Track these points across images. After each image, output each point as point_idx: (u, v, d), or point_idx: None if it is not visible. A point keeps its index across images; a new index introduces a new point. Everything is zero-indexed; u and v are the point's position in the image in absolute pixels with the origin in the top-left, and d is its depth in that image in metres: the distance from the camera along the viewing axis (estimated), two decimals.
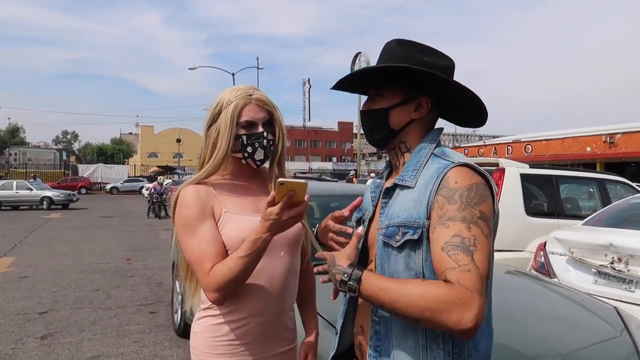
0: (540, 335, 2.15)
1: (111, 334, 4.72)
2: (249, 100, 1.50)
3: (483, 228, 1.07)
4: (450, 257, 1.04)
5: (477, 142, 32.87)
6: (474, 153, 25.91)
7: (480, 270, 1.02)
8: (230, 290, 1.37)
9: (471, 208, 1.08)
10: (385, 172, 1.40)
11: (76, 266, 8.19)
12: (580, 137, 21.06)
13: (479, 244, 1.05)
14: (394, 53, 1.25)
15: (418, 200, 1.15)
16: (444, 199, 1.10)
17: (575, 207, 6.02)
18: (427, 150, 1.24)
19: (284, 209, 1.29)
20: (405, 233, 1.14)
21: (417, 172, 1.21)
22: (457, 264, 1.02)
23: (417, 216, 1.14)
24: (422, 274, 1.13)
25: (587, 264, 3.83)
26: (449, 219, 1.07)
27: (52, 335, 4.67)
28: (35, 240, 11.48)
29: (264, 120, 1.51)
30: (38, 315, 5.30)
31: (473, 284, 1.00)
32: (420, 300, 1.01)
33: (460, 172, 1.13)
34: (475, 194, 1.10)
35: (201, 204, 1.45)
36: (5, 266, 8.15)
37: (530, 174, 5.43)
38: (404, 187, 1.21)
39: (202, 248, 1.39)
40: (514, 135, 28.12)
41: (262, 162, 1.53)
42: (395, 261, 1.17)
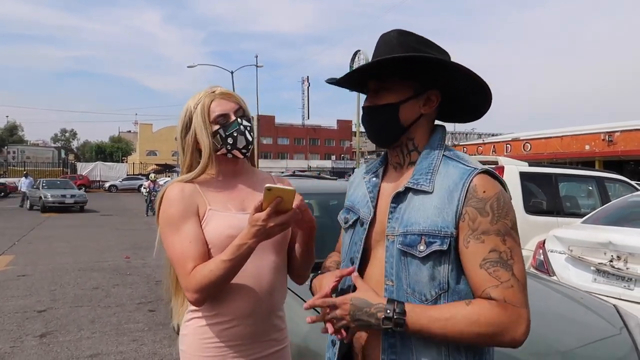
0: (540, 334, 2.14)
1: (110, 332, 4.72)
2: (214, 97, 1.51)
3: (516, 237, 1.09)
4: (490, 274, 1.05)
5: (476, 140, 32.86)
6: (472, 151, 25.90)
7: (521, 283, 1.06)
8: (210, 293, 1.36)
9: (503, 219, 1.08)
10: (380, 170, 1.32)
11: (75, 264, 8.18)
12: (579, 135, 21.06)
13: (516, 255, 1.07)
14: (396, 44, 1.18)
15: (442, 208, 1.11)
16: (475, 211, 1.08)
17: (575, 205, 6.03)
18: (438, 151, 1.20)
19: (271, 215, 1.27)
20: (431, 243, 1.10)
21: (432, 175, 1.16)
22: (500, 281, 1.05)
23: (444, 225, 1.10)
24: (447, 284, 1.11)
25: (586, 262, 3.84)
26: (483, 232, 1.07)
27: (51, 333, 4.66)
28: (34, 239, 11.47)
29: (234, 109, 1.51)
30: (37, 314, 5.30)
31: (518, 299, 1.04)
32: (473, 327, 1.03)
33: (486, 180, 1.11)
34: (504, 203, 1.09)
35: (185, 203, 1.45)
36: (4, 264, 8.14)
37: (529, 172, 5.44)
38: (420, 192, 1.16)
39: (185, 247, 1.39)
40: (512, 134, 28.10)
41: (246, 149, 1.52)
42: (418, 271, 1.12)
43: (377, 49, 1.23)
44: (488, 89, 1.21)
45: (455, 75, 1.19)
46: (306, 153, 69.21)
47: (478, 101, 1.26)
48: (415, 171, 1.19)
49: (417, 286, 1.12)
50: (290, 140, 69.19)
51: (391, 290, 1.15)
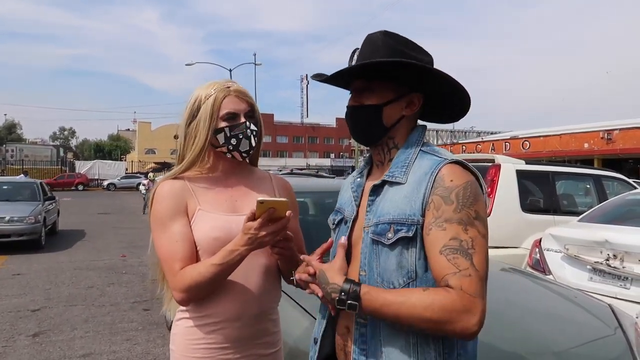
0: (533, 333, 2.12)
1: (104, 331, 4.69)
2: (228, 93, 1.47)
3: (480, 228, 1.07)
4: (449, 261, 1.04)
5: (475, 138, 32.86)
6: (471, 149, 25.90)
7: (480, 274, 1.04)
8: (197, 294, 1.36)
9: (467, 209, 1.07)
10: (365, 170, 1.35)
11: (71, 263, 8.15)
12: (578, 134, 21.08)
13: (477, 245, 1.06)
14: (380, 46, 1.20)
15: (411, 197, 1.13)
16: (440, 199, 1.09)
17: (572, 204, 5.99)
18: (415, 146, 1.23)
19: (264, 225, 1.28)
20: (398, 230, 1.12)
21: (407, 168, 1.18)
22: (458, 269, 1.03)
23: (411, 213, 1.11)
24: (415, 272, 1.11)
25: (583, 260, 3.80)
26: (446, 220, 1.07)
27: (44, 333, 4.63)
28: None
29: (245, 111, 1.48)
30: (30, 313, 5.26)
31: (475, 289, 1.02)
32: (425, 313, 1.02)
33: (454, 170, 1.12)
34: (470, 193, 1.09)
35: (175, 201, 1.44)
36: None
37: (526, 170, 5.41)
38: (394, 184, 1.18)
39: (172, 247, 1.39)
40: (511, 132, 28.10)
41: (248, 153, 1.51)
42: (386, 260, 1.14)
43: (363, 48, 1.24)
44: (467, 93, 1.23)
45: (436, 79, 1.21)
46: (305, 151, 69.17)
47: (458, 104, 1.28)
48: (392, 165, 1.22)
49: (385, 275, 1.13)
50: (289, 139, 69.09)
51: (364, 280, 1.16)
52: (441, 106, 1.31)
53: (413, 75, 1.19)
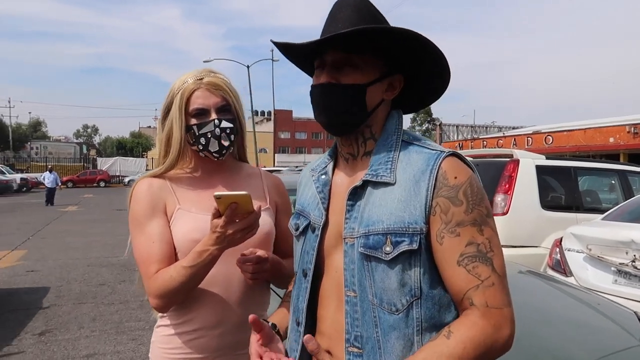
0: (550, 344, 1.94)
1: (110, 330, 4.63)
2: (199, 85, 1.34)
3: (492, 225, 0.98)
4: (469, 272, 0.93)
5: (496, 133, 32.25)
6: (492, 144, 25.40)
7: (502, 278, 0.95)
8: (172, 299, 1.26)
9: (478, 207, 0.96)
10: (330, 165, 1.13)
11: (85, 260, 8.17)
12: (603, 128, 20.43)
13: (495, 246, 0.96)
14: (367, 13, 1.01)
15: (408, 201, 0.96)
16: (447, 201, 0.95)
17: (595, 200, 5.72)
18: (395, 136, 1.05)
19: (229, 222, 1.17)
20: (399, 242, 0.94)
21: (392, 163, 1.01)
22: (480, 280, 0.93)
23: (412, 220, 0.95)
24: (419, 289, 0.95)
25: (606, 261, 3.58)
26: (458, 224, 0.94)
27: (51, 331, 4.59)
28: (48, 234, 11.55)
29: (216, 106, 1.34)
30: (40, 311, 5.25)
31: (500, 299, 0.93)
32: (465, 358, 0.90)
33: (454, 164, 0.98)
34: (477, 189, 0.97)
35: (152, 200, 1.34)
36: (15, 260, 8.18)
37: (546, 165, 5.16)
38: (380, 184, 1.00)
39: (148, 248, 1.29)
40: (534, 126, 27.47)
41: (220, 154, 1.37)
42: (384, 277, 0.96)
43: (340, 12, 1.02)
44: (449, 74, 1.08)
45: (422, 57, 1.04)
46: (324, 147, 68.98)
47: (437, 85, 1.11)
48: (372, 161, 1.03)
49: (385, 295, 0.96)
50: (308, 135, 68.99)
51: (354, 302, 0.99)
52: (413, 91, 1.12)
53: (406, 51, 1.02)
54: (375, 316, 0.97)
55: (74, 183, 38.18)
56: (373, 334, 0.97)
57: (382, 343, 0.96)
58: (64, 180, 35.70)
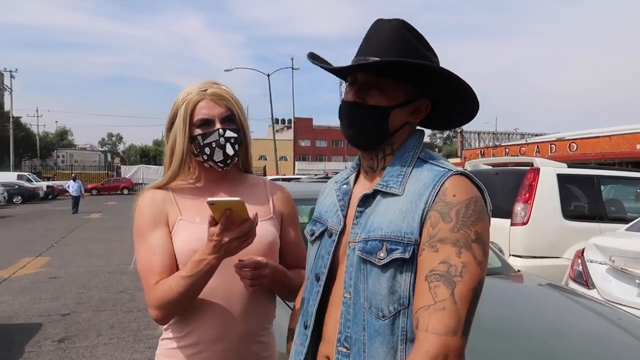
0: (566, 359, 1.88)
1: (128, 338, 4.67)
2: (203, 96, 1.34)
3: (476, 252, 0.94)
4: (430, 290, 0.93)
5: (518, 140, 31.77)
6: (515, 152, 25.02)
7: (458, 307, 0.90)
8: (171, 311, 1.26)
9: (466, 229, 0.95)
10: (352, 176, 1.20)
11: (106, 267, 8.28)
12: (629, 135, 19.92)
13: (467, 273, 0.92)
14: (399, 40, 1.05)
15: (408, 212, 1.00)
16: (438, 215, 0.97)
17: (620, 210, 5.54)
18: (412, 153, 1.10)
19: (225, 230, 1.15)
20: (392, 250, 0.99)
21: (404, 177, 1.05)
22: (433, 300, 0.92)
23: (408, 231, 0.98)
24: (407, 299, 0.98)
25: (631, 274, 3.46)
26: (440, 240, 0.95)
27: (70, 338, 4.65)
28: (72, 240, 11.77)
29: (221, 116, 1.34)
30: (60, 317, 5.32)
31: (445, 325, 0.89)
32: None
33: (459, 183, 1.00)
34: (473, 211, 0.97)
35: (154, 211, 1.35)
36: (39, 266, 8.34)
37: (568, 173, 5.04)
38: (388, 195, 1.05)
39: (149, 259, 1.30)
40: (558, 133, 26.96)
41: (224, 163, 1.37)
42: (376, 282, 1.00)
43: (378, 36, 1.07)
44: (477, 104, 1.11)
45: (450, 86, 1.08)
46: (344, 155, 68.94)
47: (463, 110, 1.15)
48: (385, 173, 1.09)
49: (374, 300, 1.00)
50: (328, 142, 69.02)
51: (348, 304, 1.04)
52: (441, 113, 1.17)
53: (432, 80, 1.06)
54: (364, 319, 1.01)
55: (98, 191, 38.93)
56: (360, 337, 1.01)
57: (367, 346, 1.00)
58: (88, 187, 36.47)
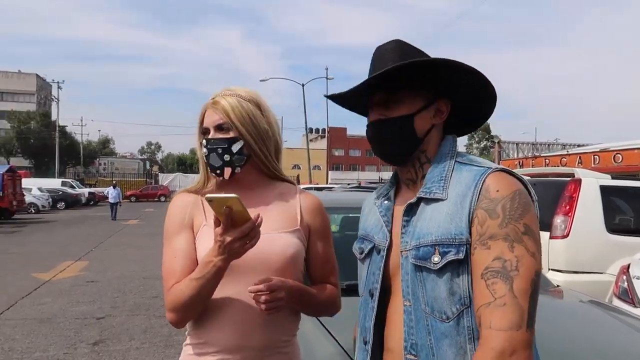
0: None
1: (159, 343, 4.72)
2: (209, 104, 1.36)
3: (528, 245, 0.96)
4: (487, 287, 0.94)
5: (559, 151, 30.80)
6: (555, 163, 24.23)
7: (519, 300, 0.92)
8: (185, 313, 1.26)
9: (515, 222, 0.96)
10: (392, 191, 1.22)
11: (141, 272, 8.44)
12: None
13: (522, 266, 0.94)
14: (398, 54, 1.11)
15: (455, 214, 1.01)
16: (484, 213, 0.98)
17: None
18: (449, 158, 1.12)
19: (226, 229, 1.14)
20: (446, 252, 1.00)
21: (445, 182, 1.07)
22: (493, 297, 0.93)
23: (458, 232, 1.00)
24: (468, 297, 1.00)
25: None
26: (490, 237, 0.96)
27: (104, 341, 4.74)
28: (111, 245, 12.10)
29: (214, 124, 1.34)
30: (95, 321, 5.44)
31: (508, 321, 0.90)
32: None
33: (500, 179, 1.01)
34: (518, 204, 0.98)
35: (182, 215, 1.36)
36: (78, 270, 8.60)
37: (612, 185, 4.81)
38: (432, 200, 1.06)
39: (171, 262, 1.31)
40: (601, 144, 26.00)
41: (215, 173, 1.35)
42: (434, 287, 1.02)
43: (376, 61, 1.14)
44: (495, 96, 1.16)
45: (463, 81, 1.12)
46: (378, 165, 68.56)
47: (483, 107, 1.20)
48: (426, 180, 1.11)
49: (436, 304, 1.02)
50: (362, 152, 68.78)
51: (409, 311, 1.07)
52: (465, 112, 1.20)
53: (438, 78, 1.10)
54: (428, 324, 1.02)
55: (137, 197, 40.03)
56: (427, 342, 1.02)
57: (435, 350, 1.01)
58: (127, 194, 37.55)
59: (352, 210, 3.87)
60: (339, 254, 3.55)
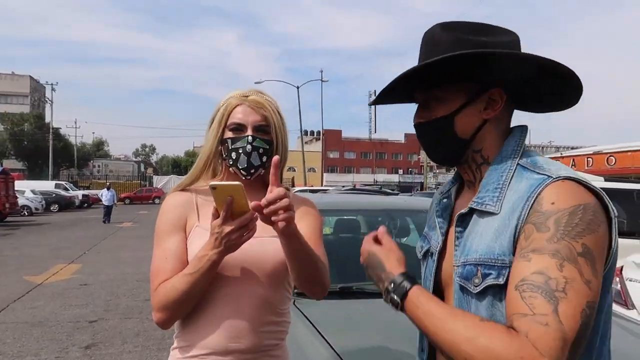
0: None
1: (152, 346, 4.68)
2: (242, 101, 1.33)
3: (584, 269, 0.78)
4: (523, 299, 0.78)
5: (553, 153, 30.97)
6: None
7: (565, 329, 0.74)
8: (174, 312, 1.23)
9: (570, 239, 0.79)
10: (453, 189, 1.10)
11: (134, 275, 8.39)
12: None
13: (572, 290, 0.76)
14: (439, 42, 0.96)
15: (501, 230, 0.88)
16: (532, 227, 0.83)
17: None
18: (511, 160, 0.95)
19: (226, 219, 1.12)
20: (487, 275, 0.88)
21: (501, 191, 0.92)
22: (531, 311, 0.76)
23: (501, 252, 0.86)
24: None
25: None
26: (534, 250, 0.81)
27: (96, 345, 4.70)
28: (104, 248, 12.02)
29: (255, 123, 1.32)
30: (88, 324, 5.39)
31: (547, 345, 0.73)
32: (465, 345, 0.78)
33: (560, 189, 0.84)
34: (580, 219, 0.80)
35: (174, 216, 1.34)
36: (71, 273, 8.53)
37: (604, 188, 4.77)
38: (485, 213, 0.92)
39: (160, 263, 1.28)
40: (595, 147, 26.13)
41: (248, 172, 1.34)
42: (476, 311, 0.90)
43: (422, 49, 1.01)
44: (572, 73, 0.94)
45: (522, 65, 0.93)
46: (373, 167, 68.71)
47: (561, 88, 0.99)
48: (481, 187, 0.96)
49: None
50: (357, 155, 68.94)
51: None
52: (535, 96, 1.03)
53: (480, 67, 0.93)
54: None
55: (131, 200, 39.84)
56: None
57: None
58: (121, 197, 37.36)
59: (346, 213, 3.87)
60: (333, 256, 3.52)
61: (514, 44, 0.97)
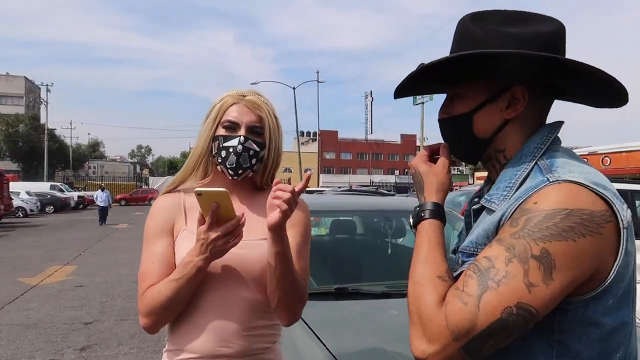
0: None
1: (147, 348, 4.66)
2: (239, 100, 1.32)
3: (531, 272, 0.76)
4: (465, 275, 0.82)
5: None
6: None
7: (479, 315, 0.77)
8: (160, 317, 1.22)
9: (530, 240, 0.77)
10: (485, 189, 1.06)
11: (130, 276, 8.35)
12: None
13: (506, 285, 0.76)
14: (468, 33, 0.94)
15: (490, 224, 0.89)
16: (510, 221, 0.83)
17: None
18: (529, 160, 0.90)
19: (212, 225, 1.12)
20: (464, 262, 0.91)
21: (509, 191, 0.89)
22: (462, 288, 0.80)
23: (479, 241, 0.90)
24: None
25: None
26: (497, 239, 0.82)
27: (91, 347, 4.67)
28: (99, 250, 11.96)
29: (249, 123, 1.30)
30: (83, 326, 5.37)
31: (454, 320, 0.78)
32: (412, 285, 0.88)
33: (552, 191, 0.80)
34: (555, 224, 0.77)
35: (163, 218, 1.33)
36: (66, 274, 8.48)
37: None
38: (490, 211, 0.92)
39: (148, 267, 1.27)
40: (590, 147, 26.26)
41: (235, 172, 1.31)
42: None
43: (454, 38, 1.00)
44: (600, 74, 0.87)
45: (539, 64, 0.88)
46: (369, 168, 68.75)
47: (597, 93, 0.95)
48: (494, 185, 0.95)
49: None
50: (353, 155, 68.97)
51: None
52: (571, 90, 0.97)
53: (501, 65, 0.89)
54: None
55: (127, 201, 39.74)
56: None
57: None
58: (117, 198, 37.23)
59: (342, 214, 3.87)
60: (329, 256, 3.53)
61: (554, 34, 0.91)
